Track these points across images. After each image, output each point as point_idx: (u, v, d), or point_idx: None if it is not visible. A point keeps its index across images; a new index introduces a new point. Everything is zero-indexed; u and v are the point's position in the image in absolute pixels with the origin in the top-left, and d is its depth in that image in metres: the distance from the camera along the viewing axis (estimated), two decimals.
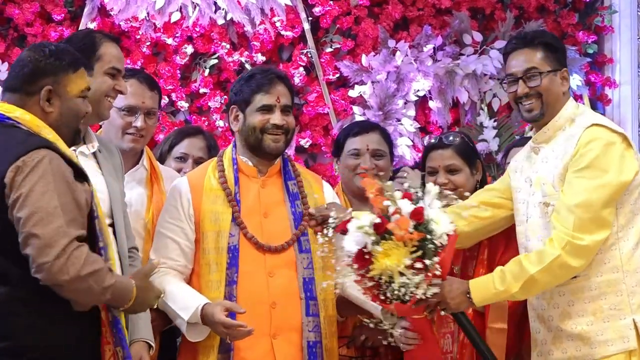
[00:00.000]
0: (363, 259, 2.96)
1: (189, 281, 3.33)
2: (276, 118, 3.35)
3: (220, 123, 5.37)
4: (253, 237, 3.30)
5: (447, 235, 3.01)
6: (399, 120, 5.49)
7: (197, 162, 3.94)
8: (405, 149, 5.46)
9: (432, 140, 3.72)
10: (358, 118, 5.40)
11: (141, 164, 3.57)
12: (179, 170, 3.89)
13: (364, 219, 2.98)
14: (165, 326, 3.42)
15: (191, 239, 3.33)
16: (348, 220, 3.06)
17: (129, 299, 2.75)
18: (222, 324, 3.13)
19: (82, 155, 3.11)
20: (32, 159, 2.67)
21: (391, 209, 2.98)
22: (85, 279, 2.62)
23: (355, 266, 3.00)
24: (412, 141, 5.49)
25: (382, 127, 4.09)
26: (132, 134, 3.54)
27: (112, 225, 3.10)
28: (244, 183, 3.38)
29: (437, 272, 2.97)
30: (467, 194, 3.42)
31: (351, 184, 3.81)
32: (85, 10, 5.34)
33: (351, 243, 3.02)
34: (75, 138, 2.90)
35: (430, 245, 2.97)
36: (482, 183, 3.66)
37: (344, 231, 3.05)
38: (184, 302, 3.23)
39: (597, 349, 3.09)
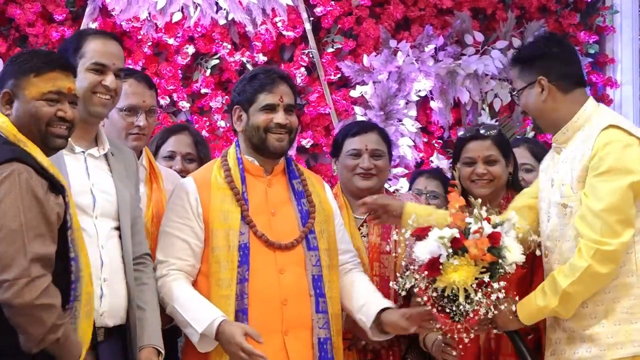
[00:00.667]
0: (433, 268, 3.01)
1: (196, 281, 3.33)
2: (280, 117, 3.36)
3: (222, 123, 5.40)
4: (263, 235, 3.31)
5: (516, 265, 3.08)
6: (400, 120, 5.52)
7: (185, 158, 3.97)
8: (406, 149, 5.49)
9: (468, 132, 3.73)
10: (359, 118, 5.41)
11: (140, 163, 3.56)
12: (169, 168, 3.88)
13: (446, 230, 3.03)
14: (166, 325, 3.39)
15: (201, 238, 3.32)
16: (428, 228, 3.11)
17: (78, 355, 2.74)
18: (242, 349, 3.12)
19: (92, 157, 3.12)
20: (1, 172, 2.67)
21: (473, 227, 3.04)
22: (37, 308, 2.62)
23: (424, 274, 3.05)
24: (414, 141, 5.51)
25: (381, 127, 4.07)
26: (135, 133, 3.55)
27: (118, 228, 3.10)
28: (251, 182, 3.39)
29: (501, 295, 3.03)
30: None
31: (350, 184, 3.81)
32: (87, 10, 5.37)
33: (424, 250, 3.06)
34: (47, 141, 2.84)
35: (500, 270, 3.04)
36: (513, 175, 3.71)
37: (421, 237, 3.09)
38: (198, 313, 3.22)
39: (607, 351, 3.09)
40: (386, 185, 5.16)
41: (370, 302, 3.36)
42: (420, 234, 3.09)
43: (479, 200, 3.13)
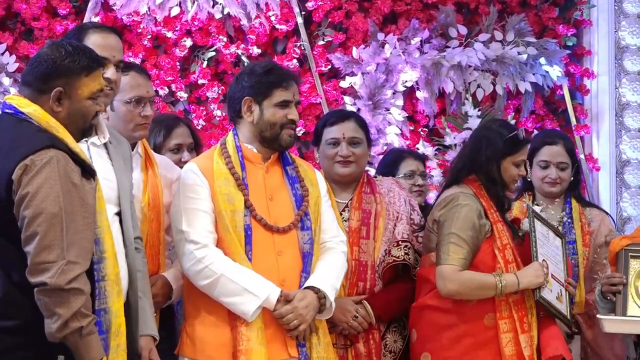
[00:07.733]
0: None
1: None
2: (294, 114, 3.46)
3: (218, 112, 5.48)
4: (262, 219, 3.39)
5: None
6: (387, 109, 5.57)
7: (189, 148, 4.07)
8: (393, 137, 5.55)
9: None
10: (349, 108, 5.46)
11: (136, 151, 3.60)
12: (179, 160, 3.97)
13: None
14: (165, 303, 3.56)
15: (213, 215, 3.41)
16: None
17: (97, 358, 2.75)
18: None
19: (94, 146, 3.16)
20: (40, 159, 2.69)
21: None
22: (67, 292, 2.66)
23: None
24: (400, 129, 5.57)
25: (358, 115, 4.07)
26: (143, 123, 3.59)
27: (119, 213, 3.15)
28: (250, 169, 3.46)
29: None
30: None
31: (331, 171, 3.84)
32: (89, 5, 5.43)
33: None
34: (85, 133, 2.92)
35: None
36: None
37: None
38: (257, 282, 3.32)
39: None
40: (372, 172, 5.38)
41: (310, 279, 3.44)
42: None
43: None
